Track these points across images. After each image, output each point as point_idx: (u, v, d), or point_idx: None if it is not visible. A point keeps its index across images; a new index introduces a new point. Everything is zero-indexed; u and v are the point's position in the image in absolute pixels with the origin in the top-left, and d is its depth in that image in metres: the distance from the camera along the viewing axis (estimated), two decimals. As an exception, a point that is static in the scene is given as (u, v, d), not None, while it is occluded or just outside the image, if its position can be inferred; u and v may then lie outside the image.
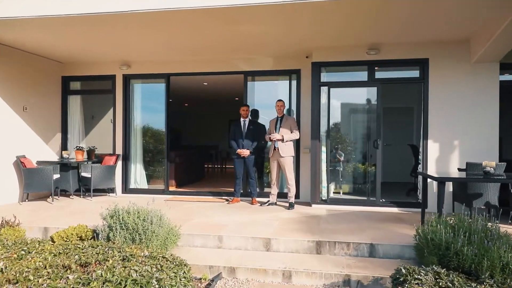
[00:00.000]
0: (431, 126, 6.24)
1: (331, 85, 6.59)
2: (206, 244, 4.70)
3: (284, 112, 6.67)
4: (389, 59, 6.35)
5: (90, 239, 4.56)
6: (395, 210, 6.32)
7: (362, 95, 6.88)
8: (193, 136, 16.69)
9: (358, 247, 4.39)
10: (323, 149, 6.69)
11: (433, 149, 6.24)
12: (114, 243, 4.17)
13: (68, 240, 4.56)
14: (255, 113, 7.46)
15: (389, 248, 4.33)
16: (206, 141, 15.93)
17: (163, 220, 4.44)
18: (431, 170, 6.19)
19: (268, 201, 6.72)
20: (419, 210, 6.16)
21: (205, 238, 4.72)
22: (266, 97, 7.56)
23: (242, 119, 6.90)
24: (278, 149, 6.43)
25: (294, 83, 7.28)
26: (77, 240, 4.61)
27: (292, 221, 5.43)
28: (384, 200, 6.50)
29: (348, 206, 6.48)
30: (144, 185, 8.03)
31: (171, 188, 8.16)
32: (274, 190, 6.69)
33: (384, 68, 6.51)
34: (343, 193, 7.02)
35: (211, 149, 14.57)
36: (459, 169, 5.86)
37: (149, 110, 8.09)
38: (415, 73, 6.42)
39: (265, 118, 7.39)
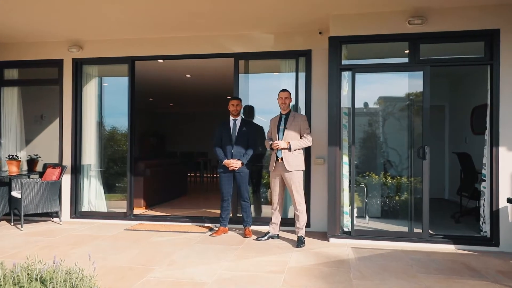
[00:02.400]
0: (503, 127, 4.32)
1: (356, 69, 4.66)
2: (163, 327, 2.73)
3: (290, 107, 4.75)
4: (441, 31, 4.44)
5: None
6: (450, 248, 4.37)
7: (397, 83, 4.99)
8: (179, 141, 14.70)
9: None
10: (345, 159, 4.76)
11: (507, 160, 4.32)
12: None
13: None
14: (249, 110, 5.52)
15: None
16: (194, 147, 13.92)
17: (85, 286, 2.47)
18: (505, 190, 4.29)
19: (267, 232, 4.76)
20: (487, 248, 4.27)
21: (162, 316, 2.75)
22: (265, 91, 5.64)
23: (231, 118, 4.98)
24: (282, 159, 4.49)
25: (302, 73, 5.34)
26: None
27: (307, 273, 3.47)
28: (433, 233, 4.57)
29: (382, 241, 4.53)
30: (101, 207, 5.98)
31: (138, 210, 6.18)
32: (276, 218, 4.74)
33: (433, 45, 4.61)
34: (370, 218, 5.09)
35: (199, 157, 12.59)
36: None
37: (109, 106, 6.11)
38: (478, 51, 4.51)
39: (263, 121, 5.47)
